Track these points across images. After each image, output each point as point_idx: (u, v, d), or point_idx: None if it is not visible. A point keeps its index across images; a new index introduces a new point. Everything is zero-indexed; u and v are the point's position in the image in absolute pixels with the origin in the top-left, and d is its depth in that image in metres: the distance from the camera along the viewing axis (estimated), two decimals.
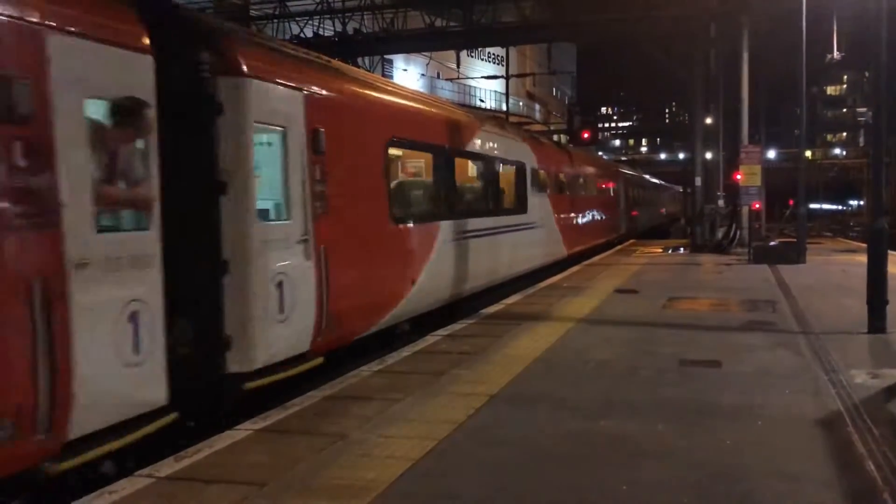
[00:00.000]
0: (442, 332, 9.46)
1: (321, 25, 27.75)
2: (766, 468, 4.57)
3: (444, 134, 11.24)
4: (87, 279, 4.69)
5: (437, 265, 10.39)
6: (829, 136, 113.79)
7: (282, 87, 6.93)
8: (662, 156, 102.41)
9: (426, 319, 10.25)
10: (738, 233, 22.20)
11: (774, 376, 6.87)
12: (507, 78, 38.66)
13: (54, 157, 4.54)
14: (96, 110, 5.08)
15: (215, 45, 6.37)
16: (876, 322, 8.75)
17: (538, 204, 16.24)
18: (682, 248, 23.99)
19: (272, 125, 6.81)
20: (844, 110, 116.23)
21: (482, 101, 48.12)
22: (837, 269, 16.15)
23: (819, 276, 15.01)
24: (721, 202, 23.73)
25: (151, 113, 5.33)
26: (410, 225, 9.94)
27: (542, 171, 16.79)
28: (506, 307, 11.56)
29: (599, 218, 24.66)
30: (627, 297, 12.39)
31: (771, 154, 56.41)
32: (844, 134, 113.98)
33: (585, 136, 29.07)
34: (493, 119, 17.57)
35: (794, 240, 19.76)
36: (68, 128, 4.65)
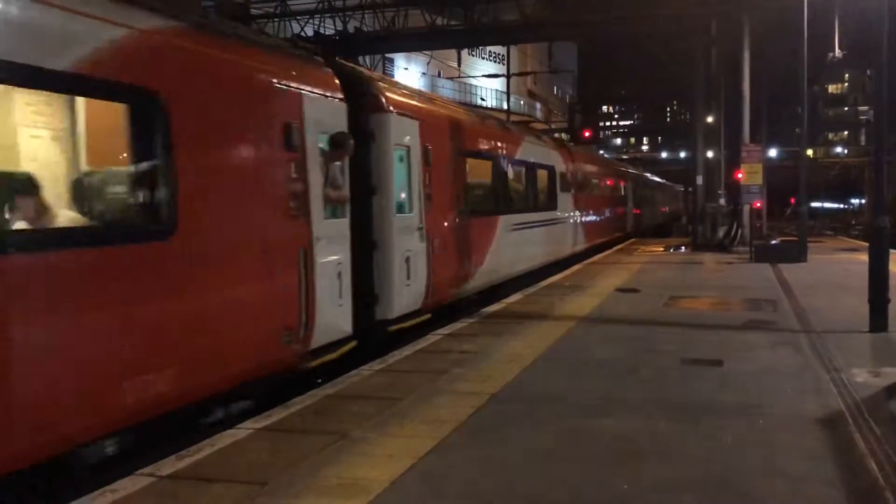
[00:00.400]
0: (443, 331, 9.47)
1: (322, 24, 27.77)
2: (767, 467, 4.56)
3: (500, 145, 13.96)
4: (320, 248, 7.20)
5: (496, 250, 12.98)
6: (830, 135, 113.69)
7: (408, 118, 9.57)
8: (663, 154, 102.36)
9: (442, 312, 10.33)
10: (740, 231, 22.20)
11: (776, 375, 6.87)
12: (508, 76, 38.63)
13: (307, 172, 7.07)
14: (323, 141, 7.46)
15: (370, 91, 8.95)
16: (877, 321, 8.74)
17: (565, 202, 18.90)
18: (683, 247, 23.99)
19: (402, 145, 9.38)
20: (846, 109, 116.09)
21: (483, 99, 48.12)
22: (839, 267, 16.15)
23: (820, 274, 15.01)
24: (722, 201, 23.74)
25: (350, 141, 7.75)
26: (482, 218, 12.46)
27: (567, 174, 19.31)
28: (506, 306, 11.57)
29: (613, 215, 27.51)
30: (629, 296, 12.39)
31: (772, 153, 56.33)
32: (846, 132, 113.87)
33: (586, 134, 29.06)
34: (531, 130, 20.71)
35: (796, 238, 19.74)
36: (312, 153, 7.17)
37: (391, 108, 9.13)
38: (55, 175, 5.46)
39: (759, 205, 21.33)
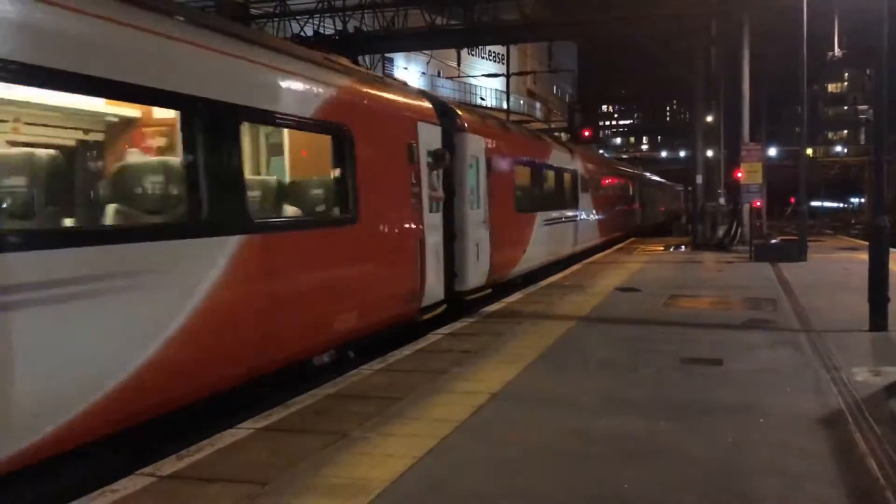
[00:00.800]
0: (443, 330, 9.47)
1: (322, 24, 27.76)
2: (767, 466, 4.57)
3: (537, 154, 16.94)
4: (428, 234, 9.81)
5: (535, 241, 15.62)
6: (830, 134, 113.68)
7: (477, 136, 12.16)
8: (663, 154, 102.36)
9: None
10: (739, 231, 22.22)
11: (776, 374, 6.87)
12: (508, 76, 38.63)
13: (420, 178, 9.69)
14: (428, 155, 10.03)
15: (453, 117, 11.50)
16: (877, 320, 8.75)
17: (584, 200, 21.65)
18: (683, 247, 24.00)
19: (474, 157, 11.87)
20: (846, 108, 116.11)
21: (483, 99, 48.10)
22: (839, 266, 16.16)
23: (820, 273, 15.01)
24: (722, 200, 23.74)
25: (447, 155, 10.40)
26: (524, 214, 15.02)
27: (586, 176, 22.02)
28: (507, 305, 11.57)
29: (623, 213, 30.48)
30: (629, 295, 12.40)
31: (772, 152, 56.34)
32: (846, 131, 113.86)
33: (586, 134, 29.08)
34: (557, 139, 23.24)
35: (796, 238, 19.76)
36: (423, 164, 9.80)
37: (467, 128, 11.77)
38: (297, 182, 8.22)
39: (758, 204, 21.33)
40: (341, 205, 7.91)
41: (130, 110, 6.63)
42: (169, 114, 6.35)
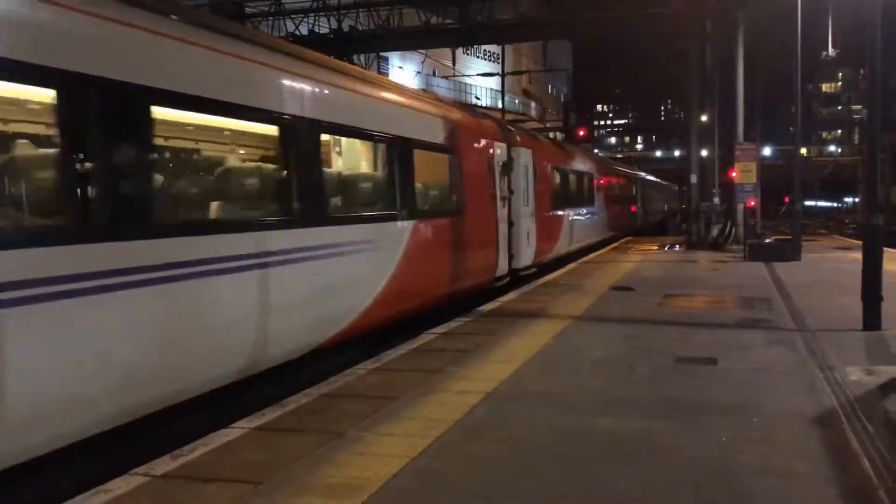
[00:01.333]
0: (438, 329, 9.47)
1: (317, 23, 27.73)
2: (762, 465, 4.57)
3: (565, 160, 20.53)
4: (500, 224, 13.36)
5: (564, 232, 19.31)
6: (824, 134, 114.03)
7: (526, 149, 15.51)
8: (658, 153, 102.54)
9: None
10: (734, 230, 22.26)
11: (770, 373, 6.89)
12: (503, 75, 38.69)
13: (495, 183, 13.28)
14: (499, 166, 13.49)
15: (511, 135, 14.95)
16: (871, 319, 8.77)
17: (598, 199, 25.04)
18: (677, 246, 24.02)
19: (524, 165, 15.19)
20: (839, 108, 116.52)
21: (478, 98, 48.11)
22: (832, 266, 16.21)
23: (814, 273, 15.05)
24: (716, 199, 23.78)
25: (512, 164, 14.15)
26: (557, 212, 18.57)
27: (599, 178, 25.37)
28: (502, 305, 11.57)
29: (628, 211, 34.05)
30: (624, 295, 12.41)
31: (766, 151, 56.47)
32: (839, 131, 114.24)
33: (581, 133, 29.17)
34: (579, 147, 27.38)
35: (790, 237, 19.80)
36: (497, 173, 13.34)
37: (520, 143, 15.21)
38: (432, 186, 11.08)
39: (753, 203, 21.36)
40: (454, 202, 11.54)
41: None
42: (382, 145, 9.59)
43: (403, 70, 43.18)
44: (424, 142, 10.33)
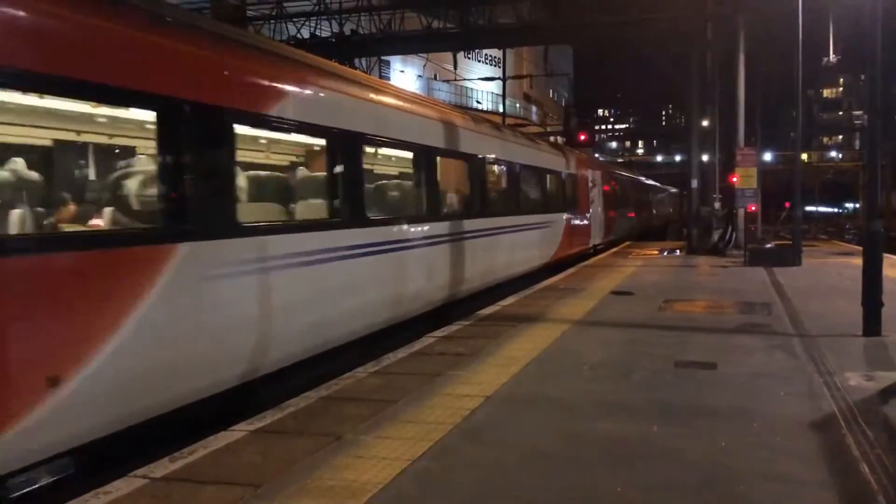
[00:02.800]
0: (438, 333, 9.46)
1: (318, 27, 27.75)
2: (761, 470, 4.58)
3: (609, 176, 28.09)
4: (595, 216, 24.15)
5: (614, 225, 27.84)
6: (825, 139, 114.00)
7: (594, 170, 24.52)
8: (659, 158, 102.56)
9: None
10: (734, 235, 22.25)
11: (769, 378, 6.89)
12: (504, 80, 38.75)
13: (589, 193, 23.34)
14: (588, 181, 23.37)
15: (592, 162, 26.32)
16: (871, 325, 8.75)
17: (630, 202, 34.53)
18: (677, 251, 24.00)
19: (595, 181, 24.06)
20: (840, 113, 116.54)
21: (479, 102, 48.16)
22: (833, 271, 16.20)
23: (814, 278, 15.05)
24: (717, 204, 23.78)
25: (597, 182, 24.73)
26: (607, 211, 26.05)
27: (615, 186, 30.50)
28: (501, 308, 11.57)
29: (641, 214, 39.55)
30: (623, 299, 12.41)
31: (767, 156, 56.49)
32: (840, 136, 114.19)
33: (582, 137, 29.13)
34: (613, 164, 39.20)
35: (790, 242, 19.79)
36: (587, 186, 23.10)
37: (591, 166, 23.84)
38: (568, 197, 20.46)
39: (753, 208, 21.36)
40: (577, 204, 20.46)
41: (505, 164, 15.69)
42: (506, 168, 15.13)
43: (405, 74, 43.22)
44: (567, 173, 20.02)
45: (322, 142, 8.25)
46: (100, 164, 6.91)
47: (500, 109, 41.27)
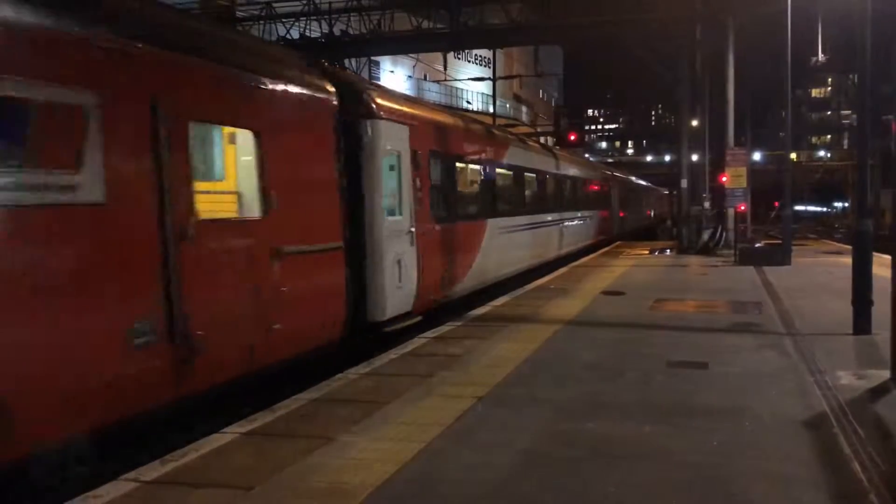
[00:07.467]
0: (429, 334, 9.45)
1: (308, 27, 27.69)
2: (753, 469, 4.58)
3: (621, 180, 36.82)
4: (613, 213, 33.89)
5: (623, 220, 36.33)
6: (814, 139, 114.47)
7: (613, 178, 35.06)
8: (648, 158, 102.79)
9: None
10: (724, 234, 22.33)
11: (761, 377, 6.90)
12: (494, 80, 38.70)
13: (611, 200, 34.21)
14: (611, 189, 35.39)
15: (612, 172, 37.94)
16: (861, 323, 8.79)
17: (635, 203, 40.70)
18: (668, 250, 24.07)
19: (614, 188, 35.30)
20: (829, 113, 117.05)
21: (469, 102, 48.08)
22: (823, 270, 16.27)
23: (804, 277, 15.10)
24: (707, 204, 23.85)
25: (622, 191, 39.26)
26: (622, 210, 35.88)
27: (618, 189, 35.14)
28: (493, 309, 11.57)
29: (643, 213, 46.91)
30: (614, 299, 12.42)
31: (756, 156, 56.72)
32: (829, 136, 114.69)
33: (572, 138, 29.23)
34: (616, 167, 46.15)
35: (780, 241, 19.87)
36: (611, 192, 36.63)
37: (615, 173, 36.91)
38: (594, 200, 29.13)
39: (743, 208, 21.43)
40: (603, 205, 29.50)
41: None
42: (581, 182, 25.86)
43: (395, 74, 43.17)
44: (599, 181, 28.43)
45: (519, 172, 17.05)
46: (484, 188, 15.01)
47: (491, 110, 41.28)
